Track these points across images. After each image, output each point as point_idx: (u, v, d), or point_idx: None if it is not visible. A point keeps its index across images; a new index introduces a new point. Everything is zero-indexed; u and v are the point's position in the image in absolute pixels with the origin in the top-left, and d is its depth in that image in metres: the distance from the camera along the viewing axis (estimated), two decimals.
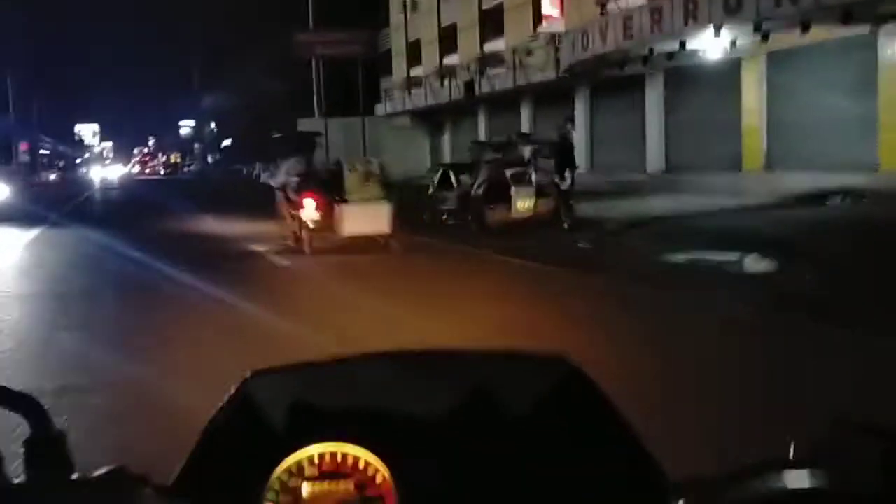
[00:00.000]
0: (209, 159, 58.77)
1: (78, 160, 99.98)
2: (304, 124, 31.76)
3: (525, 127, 22.75)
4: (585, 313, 6.45)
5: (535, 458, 0.80)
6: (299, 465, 0.78)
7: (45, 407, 0.64)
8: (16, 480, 0.61)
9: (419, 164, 32.04)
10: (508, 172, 12.71)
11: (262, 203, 14.25)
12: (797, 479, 0.57)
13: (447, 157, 31.71)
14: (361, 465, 0.79)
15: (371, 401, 0.84)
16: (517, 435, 0.82)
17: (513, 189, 12.51)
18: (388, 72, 33.16)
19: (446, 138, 31.69)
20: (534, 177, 12.85)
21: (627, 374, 3.80)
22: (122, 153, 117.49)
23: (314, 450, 0.79)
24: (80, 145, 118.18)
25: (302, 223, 10.57)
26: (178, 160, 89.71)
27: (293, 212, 10.91)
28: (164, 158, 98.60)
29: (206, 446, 0.79)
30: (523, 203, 12.57)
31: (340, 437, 0.79)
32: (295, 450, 0.79)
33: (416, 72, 30.44)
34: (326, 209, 10.49)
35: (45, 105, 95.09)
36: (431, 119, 31.74)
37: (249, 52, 43.26)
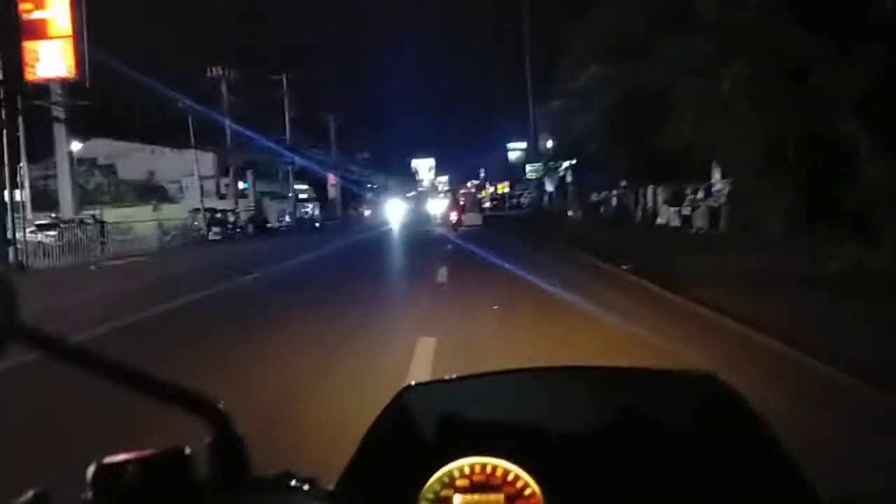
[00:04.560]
0: (548, 186, 39.84)
1: (408, 195, 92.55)
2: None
3: None
4: None
5: (685, 475, 0.78)
6: (451, 476, 0.79)
7: (226, 411, 0.67)
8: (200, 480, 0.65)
9: None
10: None
11: None
12: None
13: None
14: (511, 478, 0.78)
15: (522, 415, 0.85)
16: (667, 452, 0.81)
17: None
18: None
19: None
20: None
21: None
22: (460, 186, 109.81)
23: (466, 461, 0.79)
24: (413, 180, 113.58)
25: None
26: (505, 190, 74.58)
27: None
28: (490, 190, 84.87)
29: (364, 455, 0.83)
30: None
31: (491, 450, 0.79)
32: (448, 461, 0.79)
33: None
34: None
35: (383, 142, 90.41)
36: None
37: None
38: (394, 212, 48.32)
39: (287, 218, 41.54)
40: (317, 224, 43.53)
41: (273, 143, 37.96)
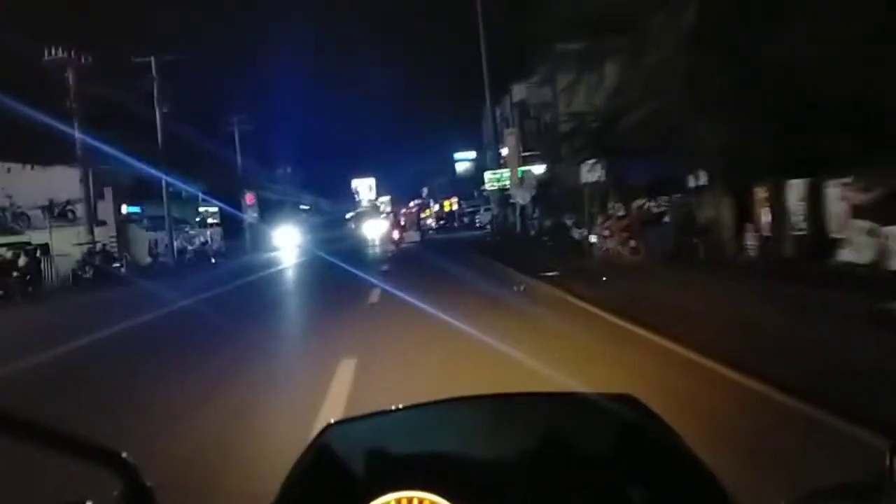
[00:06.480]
0: (519, 198, 29.21)
1: (348, 216, 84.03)
2: None
3: None
4: None
5: (608, 496, 0.78)
6: None
7: (133, 462, 0.65)
8: None
9: None
10: None
11: None
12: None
13: None
14: None
15: (445, 447, 0.84)
16: (589, 475, 0.80)
17: None
18: None
19: None
20: None
21: None
22: (402, 206, 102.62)
23: (390, 497, 0.77)
24: (353, 200, 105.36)
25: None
26: (453, 207, 66.02)
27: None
28: (435, 208, 76.15)
29: (287, 496, 0.79)
30: None
31: (415, 484, 0.78)
32: (373, 497, 0.77)
33: None
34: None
35: (325, 163, 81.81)
36: None
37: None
38: (287, 243, 40.20)
39: (163, 251, 31.40)
40: (211, 257, 34.02)
41: (143, 153, 28.12)
